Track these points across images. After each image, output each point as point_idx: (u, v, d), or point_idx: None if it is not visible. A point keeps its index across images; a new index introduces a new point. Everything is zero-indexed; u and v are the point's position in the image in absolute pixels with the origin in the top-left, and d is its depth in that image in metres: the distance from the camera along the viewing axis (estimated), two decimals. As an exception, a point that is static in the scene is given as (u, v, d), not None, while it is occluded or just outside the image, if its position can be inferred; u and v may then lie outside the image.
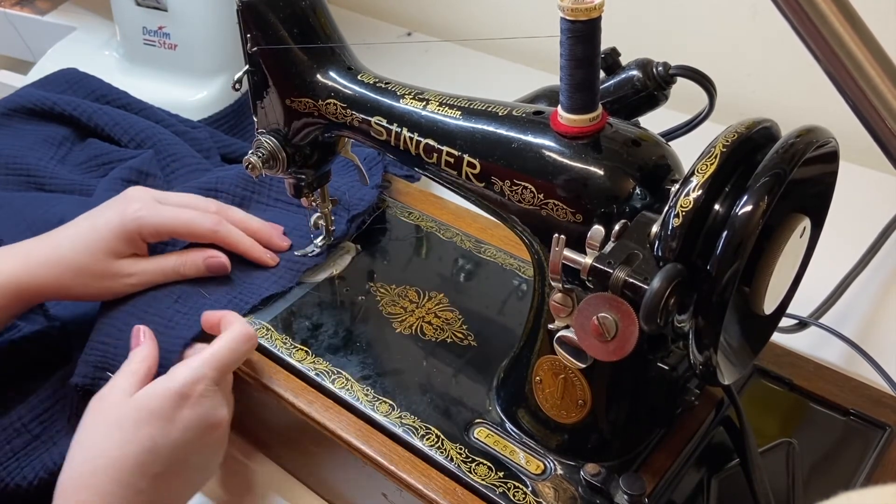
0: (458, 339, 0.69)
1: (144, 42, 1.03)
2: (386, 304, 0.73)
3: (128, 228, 0.69)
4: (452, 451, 0.60)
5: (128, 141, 0.92)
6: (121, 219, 0.70)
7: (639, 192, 0.51)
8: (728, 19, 1.00)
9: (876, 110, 0.46)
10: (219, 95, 1.02)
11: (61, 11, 1.20)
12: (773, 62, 0.98)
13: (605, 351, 0.49)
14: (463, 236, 0.79)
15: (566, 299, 0.53)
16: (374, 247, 0.79)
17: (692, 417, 0.62)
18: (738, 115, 0.53)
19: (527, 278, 0.74)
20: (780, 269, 0.50)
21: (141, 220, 0.70)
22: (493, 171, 0.55)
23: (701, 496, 0.59)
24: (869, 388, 0.65)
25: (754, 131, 0.48)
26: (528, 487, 0.58)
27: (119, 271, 0.70)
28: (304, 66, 0.65)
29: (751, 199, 0.44)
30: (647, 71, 0.56)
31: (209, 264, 0.72)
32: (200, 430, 0.60)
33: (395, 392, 0.65)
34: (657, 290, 0.44)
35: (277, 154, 0.69)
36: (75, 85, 0.99)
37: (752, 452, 0.59)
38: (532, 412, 0.60)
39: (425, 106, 0.59)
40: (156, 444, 0.58)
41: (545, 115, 0.54)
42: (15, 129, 0.94)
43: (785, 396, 0.65)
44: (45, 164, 0.90)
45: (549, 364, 0.58)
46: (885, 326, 0.78)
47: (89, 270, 0.69)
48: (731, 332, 0.52)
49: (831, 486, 0.60)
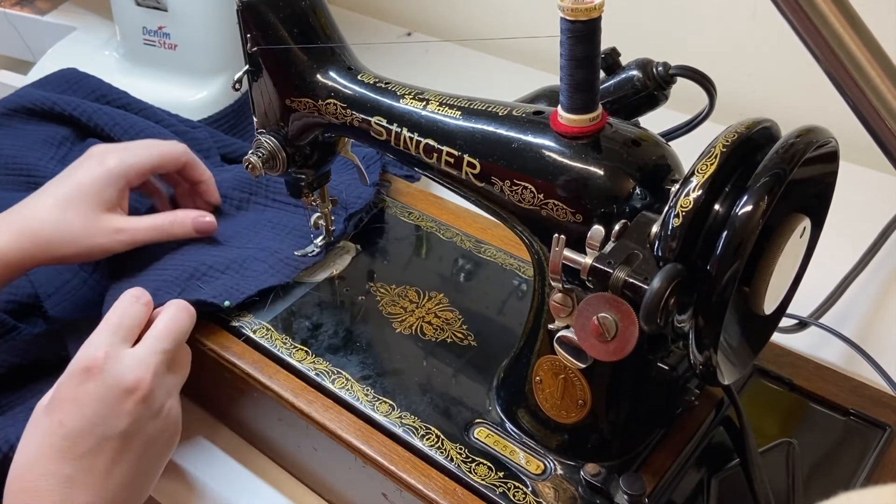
0: (458, 339, 0.69)
1: (144, 42, 1.03)
2: (386, 303, 0.73)
3: (114, 174, 0.70)
4: (452, 451, 0.60)
5: (127, 141, 0.92)
6: (104, 168, 0.70)
7: (639, 192, 0.51)
8: (728, 19, 1.00)
9: (876, 110, 0.46)
10: (219, 95, 1.02)
11: (61, 11, 1.20)
12: (773, 62, 0.98)
13: (605, 351, 0.49)
14: (463, 236, 0.79)
15: (566, 299, 0.53)
16: (374, 247, 0.79)
17: (692, 417, 0.62)
18: (738, 115, 0.53)
19: (527, 278, 0.74)
20: (780, 269, 0.50)
21: (125, 163, 0.71)
22: (493, 171, 0.55)
23: (701, 496, 0.59)
24: (869, 388, 0.65)
25: (754, 131, 0.48)
26: (528, 487, 0.58)
27: (108, 225, 0.70)
28: (304, 66, 0.65)
29: (751, 199, 0.44)
30: (647, 71, 0.56)
31: (197, 224, 0.74)
32: (113, 399, 0.57)
33: (395, 392, 0.65)
34: (657, 290, 0.44)
35: (277, 154, 0.69)
36: (75, 85, 0.99)
37: (752, 452, 0.59)
38: (532, 412, 0.60)
39: (425, 106, 0.59)
40: (65, 425, 0.56)
41: (545, 115, 0.54)
42: (15, 129, 0.94)
43: (785, 396, 0.65)
44: (44, 164, 0.90)
45: (549, 364, 0.58)
46: (885, 326, 0.78)
47: (78, 229, 0.69)
48: (731, 332, 0.52)
49: (831, 486, 0.60)
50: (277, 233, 0.79)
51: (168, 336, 0.62)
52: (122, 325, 0.61)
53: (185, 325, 0.64)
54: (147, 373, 0.59)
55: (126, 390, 0.58)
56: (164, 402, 0.61)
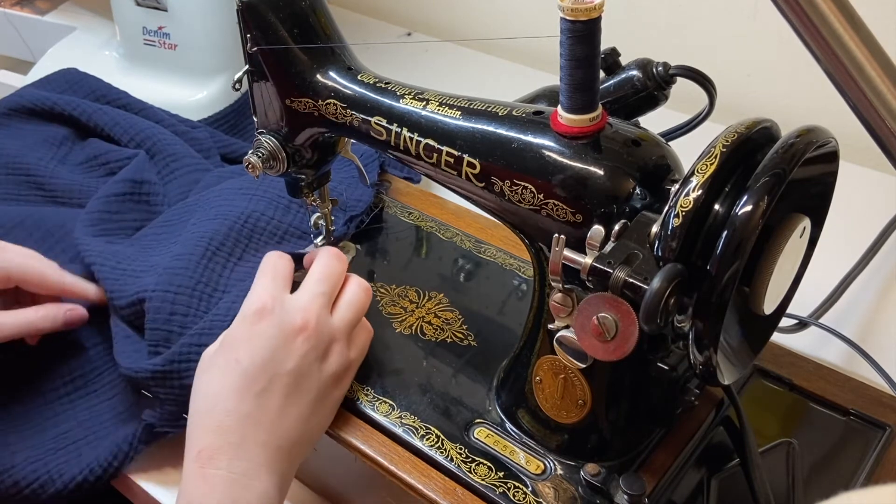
0: (458, 339, 0.69)
1: (144, 42, 1.03)
2: (386, 304, 0.73)
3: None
4: (452, 451, 0.60)
5: (127, 141, 0.92)
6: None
7: (639, 192, 0.51)
8: (728, 19, 1.00)
9: (876, 110, 0.46)
10: (219, 95, 1.02)
11: (61, 11, 1.20)
12: (773, 62, 0.98)
13: (605, 351, 0.49)
14: (463, 236, 0.79)
15: (566, 299, 0.53)
16: (374, 247, 0.79)
17: (692, 417, 0.62)
18: (738, 115, 0.53)
19: (527, 278, 0.74)
20: (780, 269, 0.50)
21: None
22: (493, 171, 0.55)
23: (701, 496, 0.59)
24: (869, 388, 0.65)
25: (754, 131, 0.48)
26: (528, 487, 0.58)
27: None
28: (304, 66, 0.65)
29: (751, 199, 0.44)
30: (647, 71, 0.56)
31: (68, 318, 0.73)
32: (283, 337, 0.60)
33: (395, 392, 0.65)
34: (657, 290, 0.44)
35: (277, 154, 0.68)
36: (75, 85, 0.99)
37: (752, 452, 0.59)
38: (532, 412, 0.60)
39: (425, 106, 0.59)
40: (241, 363, 0.59)
41: (545, 115, 0.54)
42: (15, 129, 0.94)
43: (785, 396, 0.65)
44: (44, 165, 0.90)
45: (549, 364, 0.58)
46: (885, 326, 0.78)
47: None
48: (731, 332, 0.52)
49: (831, 486, 0.60)
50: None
51: (324, 279, 0.64)
52: (278, 275, 0.64)
53: (338, 269, 0.66)
54: (311, 313, 0.61)
55: (295, 329, 0.60)
56: (329, 344, 0.62)
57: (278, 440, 0.58)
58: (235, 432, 0.57)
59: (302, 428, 0.59)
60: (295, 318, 0.61)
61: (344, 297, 0.65)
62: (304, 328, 0.60)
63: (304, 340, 0.60)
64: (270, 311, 0.60)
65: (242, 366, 0.59)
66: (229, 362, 0.59)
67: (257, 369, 0.58)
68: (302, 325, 0.60)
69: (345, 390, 0.63)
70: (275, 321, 0.60)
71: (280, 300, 0.62)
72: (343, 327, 0.63)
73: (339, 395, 0.63)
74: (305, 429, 0.60)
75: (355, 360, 0.64)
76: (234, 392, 0.58)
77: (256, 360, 0.59)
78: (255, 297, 0.62)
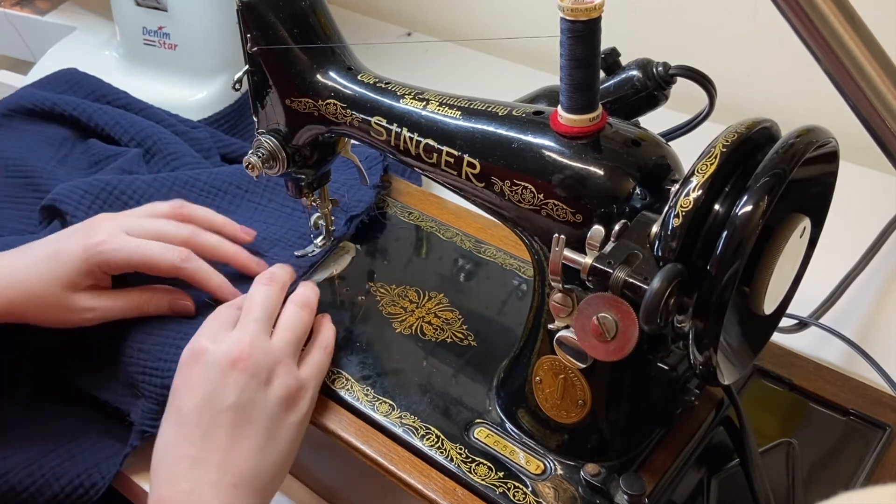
0: (458, 339, 0.69)
1: (144, 42, 1.03)
2: (386, 304, 0.73)
3: (89, 263, 0.67)
4: (452, 451, 0.60)
5: (128, 140, 0.92)
6: (83, 251, 0.67)
7: (639, 192, 0.51)
8: (728, 19, 1.00)
9: (876, 110, 0.46)
10: (219, 95, 1.02)
11: (61, 11, 1.20)
12: (773, 62, 0.98)
13: (605, 351, 0.49)
14: (463, 236, 0.79)
15: (566, 299, 0.53)
16: (374, 247, 0.79)
17: (692, 417, 0.62)
18: (738, 115, 0.53)
19: (527, 278, 0.74)
20: (780, 269, 0.50)
21: (103, 255, 0.67)
22: (493, 171, 0.55)
23: (701, 496, 0.59)
24: (869, 388, 0.65)
25: (754, 131, 0.48)
26: (528, 487, 0.58)
27: (76, 305, 0.68)
28: (304, 66, 0.65)
29: (751, 199, 0.44)
30: (647, 71, 0.56)
31: (174, 306, 0.71)
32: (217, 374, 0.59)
33: (395, 392, 0.65)
34: (657, 290, 0.44)
35: (277, 154, 0.69)
36: (75, 85, 0.99)
37: (752, 452, 0.59)
38: (532, 412, 0.60)
39: (425, 106, 0.59)
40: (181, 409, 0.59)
41: (545, 115, 0.54)
42: (15, 129, 0.94)
43: (785, 396, 0.65)
44: (44, 166, 0.90)
45: (549, 364, 0.58)
46: (885, 326, 0.78)
47: (45, 301, 0.67)
48: (731, 332, 0.52)
49: (831, 486, 0.60)
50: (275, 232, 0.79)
51: (255, 307, 0.64)
52: (219, 315, 0.64)
53: (272, 293, 0.66)
54: (244, 343, 0.61)
55: (230, 362, 0.60)
56: (272, 368, 0.61)
57: (232, 478, 0.57)
58: (185, 479, 0.56)
59: (259, 458, 0.58)
60: (229, 350, 0.60)
61: (282, 320, 0.65)
62: (239, 359, 0.60)
63: (241, 371, 0.59)
64: (204, 352, 0.60)
65: (183, 412, 0.59)
66: (171, 412, 0.60)
67: (198, 412, 0.58)
68: (237, 356, 0.60)
69: (303, 412, 0.61)
70: (209, 360, 0.60)
71: (214, 340, 0.61)
72: (284, 347, 0.62)
73: (295, 418, 0.61)
74: (263, 458, 0.58)
75: (309, 378, 0.63)
76: (180, 439, 0.58)
77: (194, 402, 0.59)
78: (191, 341, 0.62)
